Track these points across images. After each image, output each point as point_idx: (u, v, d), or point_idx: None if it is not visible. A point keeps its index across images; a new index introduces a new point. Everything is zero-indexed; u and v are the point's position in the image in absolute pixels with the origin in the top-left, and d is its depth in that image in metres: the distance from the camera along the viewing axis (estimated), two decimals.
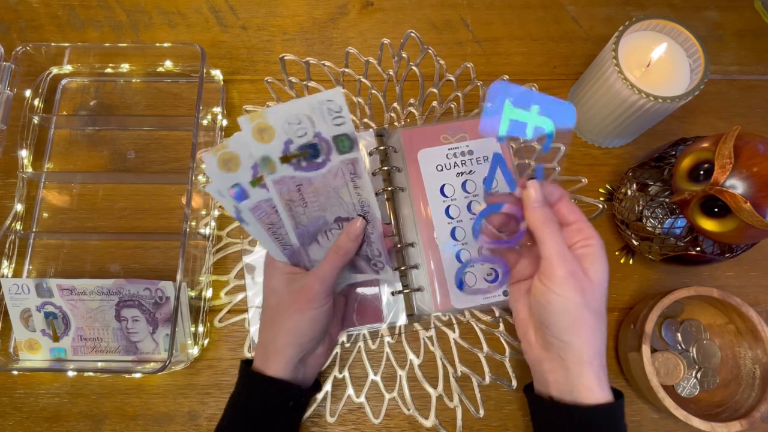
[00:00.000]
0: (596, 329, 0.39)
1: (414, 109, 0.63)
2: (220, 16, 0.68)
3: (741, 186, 0.44)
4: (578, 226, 0.41)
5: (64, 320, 0.55)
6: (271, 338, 0.44)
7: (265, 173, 0.42)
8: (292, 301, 0.44)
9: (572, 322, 0.39)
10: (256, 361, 0.45)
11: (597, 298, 0.39)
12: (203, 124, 0.59)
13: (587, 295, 0.38)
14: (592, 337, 0.39)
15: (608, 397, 0.39)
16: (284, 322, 0.44)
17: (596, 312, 0.39)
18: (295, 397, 0.45)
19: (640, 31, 0.55)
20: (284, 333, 0.44)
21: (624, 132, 0.59)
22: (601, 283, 0.39)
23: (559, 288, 0.38)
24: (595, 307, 0.39)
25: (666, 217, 0.52)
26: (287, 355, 0.44)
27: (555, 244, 0.39)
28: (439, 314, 0.56)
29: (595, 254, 0.40)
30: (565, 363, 0.40)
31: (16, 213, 0.59)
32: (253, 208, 0.43)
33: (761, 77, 0.66)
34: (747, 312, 0.51)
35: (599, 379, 0.39)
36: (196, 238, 0.57)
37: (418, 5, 0.69)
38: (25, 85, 0.61)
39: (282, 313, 0.44)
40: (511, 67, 0.66)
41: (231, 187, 0.42)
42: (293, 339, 0.44)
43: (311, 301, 0.44)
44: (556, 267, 0.38)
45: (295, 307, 0.44)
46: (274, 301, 0.45)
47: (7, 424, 0.54)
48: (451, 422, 0.54)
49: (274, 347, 0.44)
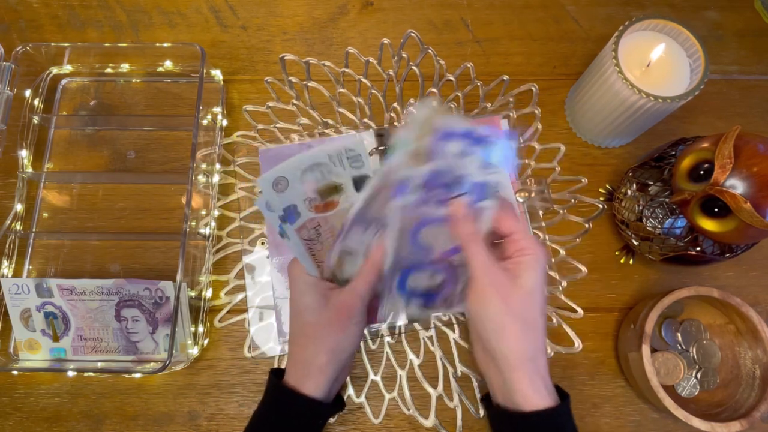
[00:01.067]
0: (523, 336, 0.40)
1: (414, 109, 0.63)
2: (220, 16, 0.68)
3: (741, 186, 0.44)
4: (514, 237, 0.42)
5: (64, 320, 0.55)
6: (311, 355, 0.43)
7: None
8: (333, 318, 0.43)
9: (496, 329, 0.40)
10: (290, 376, 0.44)
11: (526, 306, 0.40)
12: (203, 124, 0.59)
13: (512, 303, 0.40)
14: (518, 343, 0.40)
15: (546, 403, 0.39)
16: (325, 340, 0.43)
17: (524, 319, 0.40)
18: (326, 415, 0.45)
19: (640, 31, 0.55)
20: (326, 351, 0.43)
21: (624, 132, 0.59)
22: (532, 291, 0.40)
23: (481, 298, 0.41)
24: (523, 314, 0.40)
25: (666, 217, 0.52)
26: (328, 374, 0.43)
27: (476, 258, 0.41)
28: (439, 314, 0.56)
29: (527, 263, 0.41)
30: (499, 369, 0.41)
31: (16, 213, 0.59)
32: (298, 228, 0.45)
33: (761, 77, 0.66)
34: (747, 312, 0.51)
35: (532, 383, 0.39)
36: (196, 238, 0.57)
37: (418, 5, 0.69)
38: (25, 85, 0.61)
39: (321, 331, 0.43)
40: (511, 67, 0.66)
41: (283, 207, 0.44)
42: (334, 357, 0.43)
43: (352, 318, 0.43)
44: (477, 279, 0.41)
45: (338, 326, 0.43)
46: (311, 319, 0.44)
47: (7, 424, 0.54)
48: (451, 422, 0.54)
49: (316, 365, 0.43)
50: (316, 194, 0.44)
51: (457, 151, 0.41)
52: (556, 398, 0.40)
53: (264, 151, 0.61)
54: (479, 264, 0.41)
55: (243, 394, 0.55)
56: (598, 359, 0.56)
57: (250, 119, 0.62)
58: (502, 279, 0.41)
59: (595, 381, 0.55)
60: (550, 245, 0.58)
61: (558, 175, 0.60)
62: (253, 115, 0.63)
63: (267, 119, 0.63)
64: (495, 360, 0.41)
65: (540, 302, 0.41)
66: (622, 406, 0.55)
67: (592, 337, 0.57)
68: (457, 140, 0.41)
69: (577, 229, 0.58)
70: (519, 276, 0.41)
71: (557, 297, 0.57)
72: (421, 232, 0.44)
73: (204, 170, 0.59)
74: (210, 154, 0.60)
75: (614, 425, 0.54)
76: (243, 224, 0.59)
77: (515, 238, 0.42)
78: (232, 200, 0.60)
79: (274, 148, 0.61)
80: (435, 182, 0.42)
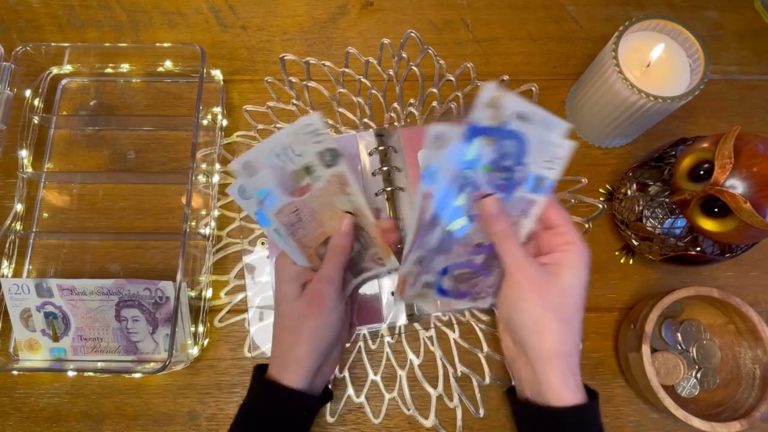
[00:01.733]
0: (560, 331, 0.40)
1: (414, 109, 0.63)
2: (220, 16, 0.68)
3: (741, 186, 0.44)
4: (561, 230, 0.42)
5: (64, 320, 0.55)
6: (288, 346, 0.44)
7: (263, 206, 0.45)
8: (306, 307, 0.44)
9: (532, 323, 0.40)
10: (272, 369, 0.44)
11: (564, 303, 0.40)
12: (203, 124, 0.59)
13: (550, 298, 0.40)
14: (553, 338, 0.40)
15: (576, 399, 0.39)
16: (302, 330, 0.43)
17: (561, 315, 0.40)
18: (310, 407, 0.45)
19: (640, 31, 0.55)
20: (302, 341, 0.43)
21: (624, 132, 0.59)
22: (572, 289, 0.40)
23: (516, 293, 0.41)
24: (560, 310, 0.40)
25: (666, 217, 0.52)
26: (306, 364, 0.43)
27: (511, 255, 0.41)
28: (439, 314, 0.56)
29: (570, 260, 0.41)
30: (531, 362, 0.41)
31: (16, 213, 0.59)
32: (276, 213, 0.46)
33: (761, 77, 0.66)
34: (747, 312, 0.51)
35: (565, 379, 0.39)
36: (196, 238, 0.57)
37: (418, 5, 0.69)
38: (25, 85, 0.61)
39: (297, 321, 0.44)
40: (511, 67, 0.66)
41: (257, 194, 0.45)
42: (312, 346, 0.43)
43: (324, 304, 0.44)
44: (513, 274, 0.41)
45: (311, 314, 0.43)
46: (286, 309, 0.45)
47: (7, 424, 0.54)
48: (451, 422, 0.54)
49: (293, 356, 0.43)
50: (288, 179, 0.45)
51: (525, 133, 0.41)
52: (585, 396, 0.40)
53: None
54: (514, 260, 0.41)
55: (243, 394, 0.54)
56: (598, 359, 0.56)
57: (250, 119, 0.62)
58: (539, 274, 0.41)
59: (595, 381, 0.55)
60: None
61: None
62: (253, 115, 0.63)
63: (267, 119, 0.63)
64: (528, 354, 0.41)
65: (579, 299, 0.41)
66: (622, 406, 0.55)
67: (592, 337, 0.57)
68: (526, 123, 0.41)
69: None
70: (559, 271, 0.41)
71: None
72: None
73: (204, 170, 0.59)
74: (210, 154, 0.60)
75: (614, 425, 0.54)
76: (243, 224, 0.59)
77: (562, 230, 0.42)
78: (232, 200, 0.60)
79: None
80: (498, 163, 0.42)
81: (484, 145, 0.41)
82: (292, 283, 0.45)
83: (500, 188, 0.43)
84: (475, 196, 0.43)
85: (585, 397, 0.40)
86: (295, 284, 0.45)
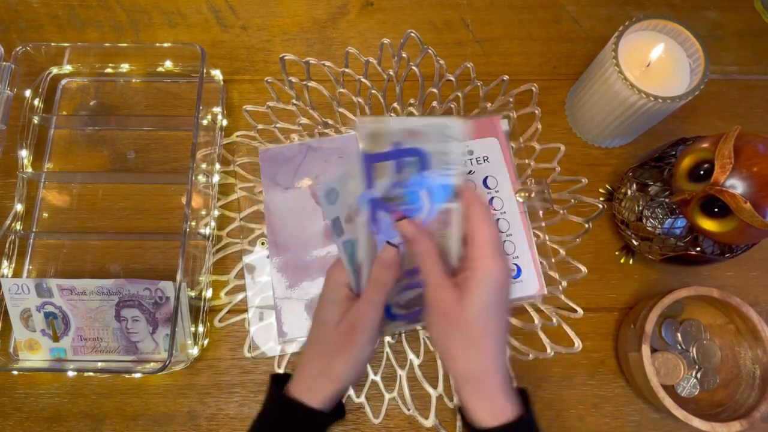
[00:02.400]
0: (465, 358, 0.40)
1: (414, 109, 0.63)
2: (220, 16, 0.68)
3: (741, 186, 0.44)
4: (475, 243, 0.40)
5: (64, 320, 0.55)
6: (318, 373, 0.42)
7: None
8: (343, 339, 0.41)
9: (442, 348, 0.41)
10: (296, 388, 0.42)
11: (470, 327, 0.39)
12: (203, 124, 0.59)
13: (453, 325, 0.39)
14: (459, 364, 0.40)
15: (496, 421, 0.38)
16: (333, 362, 0.41)
17: (465, 342, 0.39)
18: (327, 425, 0.44)
19: (640, 31, 0.55)
20: (332, 374, 0.41)
21: (624, 132, 0.59)
22: (479, 311, 0.39)
23: (429, 318, 0.41)
24: (464, 337, 0.39)
25: (666, 217, 0.52)
26: (331, 392, 0.41)
27: (430, 275, 0.40)
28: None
29: (474, 280, 0.39)
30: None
31: (16, 213, 0.59)
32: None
33: (761, 77, 0.66)
34: (747, 312, 0.51)
35: (476, 402, 0.39)
36: (196, 238, 0.57)
37: (418, 5, 0.69)
38: (25, 85, 0.61)
39: (331, 352, 0.42)
40: (511, 67, 0.66)
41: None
42: (341, 382, 0.42)
43: (362, 337, 0.41)
44: (427, 298, 0.41)
45: (345, 350, 0.41)
46: (324, 335, 0.43)
47: (7, 424, 0.54)
48: (451, 422, 0.54)
49: (320, 384, 0.41)
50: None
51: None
52: (509, 414, 0.39)
53: (264, 151, 0.60)
54: (430, 281, 0.40)
55: (243, 394, 0.55)
56: (598, 359, 0.56)
57: (250, 119, 0.62)
58: (447, 298, 0.39)
59: (595, 381, 0.55)
60: (550, 245, 0.58)
61: (558, 175, 0.60)
62: (253, 115, 0.63)
63: (267, 119, 0.63)
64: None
65: (484, 323, 0.39)
66: (622, 406, 0.55)
67: (592, 337, 0.57)
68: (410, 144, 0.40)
69: (577, 229, 0.58)
70: (464, 294, 0.39)
71: (557, 297, 0.57)
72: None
73: (204, 170, 0.59)
74: (210, 154, 0.60)
75: (614, 425, 0.54)
76: (243, 224, 0.59)
77: (474, 245, 0.40)
78: (232, 200, 0.60)
79: (273, 148, 0.61)
80: (403, 183, 0.41)
81: (386, 170, 0.41)
82: (337, 306, 0.43)
83: (412, 206, 0.41)
84: (393, 218, 0.41)
85: (508, 415, 0.39)
86: (339, 309, 0.43)
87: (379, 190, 0.41)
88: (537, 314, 0.56)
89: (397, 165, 0.41)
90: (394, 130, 0.40)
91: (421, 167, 0.41)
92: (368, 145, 0.40)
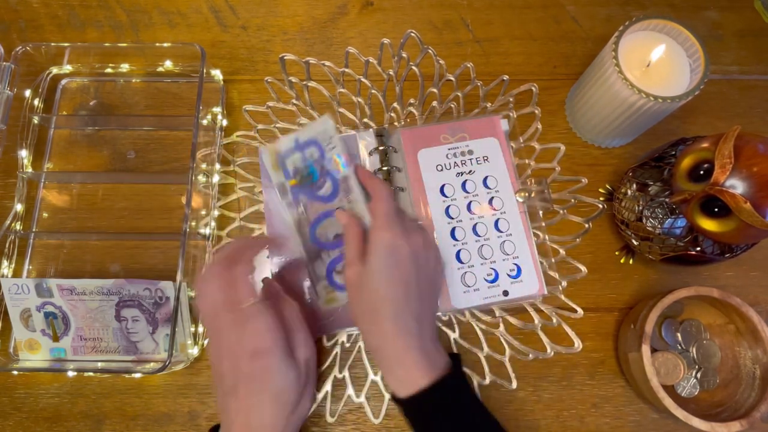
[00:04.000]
0: (366, 330, 0.43)
1: (414, 109, 0.63)
2: (220, 16, 0.68)
3: (741, 186, 0.44)
4: (373, 218, 0.46)
5: (64, 320, 0.55)
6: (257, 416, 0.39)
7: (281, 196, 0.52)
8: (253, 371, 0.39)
9: (359, 326, 0.45)
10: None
11: (366, 300, 0.42)
12: (203, 124, 0.59)
13: (360, 295, 0.43)
14: (367, 337, 0.43)
15: (409, 390, 0.40)
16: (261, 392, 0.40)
17: (363, 313, 0.43)
18: None
19: (640, 31, 0.55)
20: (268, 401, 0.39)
21: (624, 132, 0.59)
22: (370, 276, 0.42)
23: (348, 296, 0.45)
24: (363, 308, 0.43)
25: (666, 217, 0.52)
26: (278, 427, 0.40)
27: (346, 257, 0.45)
28: (440, 314, 0.56)
29: (368, 249, 0.44)
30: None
31: (16, 213, 0.59)
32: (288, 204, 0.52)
33: (761, 77, 0.66)
34: (747, 312, 0.51)
35: (387, 374, 0.42)
36: (196, 238, 0.57)
37: (418, 5, 0.69)
38: (25, 85, 0.62)
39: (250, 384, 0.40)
40: (511, 67, 0.66)
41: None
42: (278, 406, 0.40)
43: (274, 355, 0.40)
44: (344, 276, 0.45)
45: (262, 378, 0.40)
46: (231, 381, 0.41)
47: (7, 424, 0.54)
48: None
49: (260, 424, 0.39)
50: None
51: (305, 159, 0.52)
52: (420, 383, 0.40)
53: (264, 151, 0.60)
54: (346, 261, 0.45)
55: None
56: (598, 359, 0.56)
57: (250, 119, 0.62)
58: (355, 272, 0.43)
59: (595, 381, 0.55)
60: (550, 245, 0.58)
61: (558, 175, 0.60)
62: (253, 115, 0.63)
63: (267, 119, 0.63)
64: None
65: (387, 286, 0.41)
66: (622, 406, 0.55)
67: (592, 337, 0.57)
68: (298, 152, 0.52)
69: (577, 229, 0.58)
70: (364, 267, 0.43)
71: (557, 297, 0.56)
72: (317, 227, 0.51)
73: (204, 170, 0.59)
74: (210, 154, 0.60)
75: (614, 425, 0.54)
76: (243, 224, 0.59)
77: (373, 219, 0.46)
78: (232, 200, 0.60)
79: None
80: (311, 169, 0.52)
81: (294, 159, 0.52)
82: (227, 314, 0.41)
83: (326, 197, 0.51)
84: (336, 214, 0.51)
85: (420, 383, 0.40)
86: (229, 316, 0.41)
87: (292, 173, 0.52)
88: (537, 314, 0.56)
89: (302, 155, 0.52)
90: (285, 147, 0.52)
91: (320, 153, 0.52)
92: (278, 168, 0.52)
